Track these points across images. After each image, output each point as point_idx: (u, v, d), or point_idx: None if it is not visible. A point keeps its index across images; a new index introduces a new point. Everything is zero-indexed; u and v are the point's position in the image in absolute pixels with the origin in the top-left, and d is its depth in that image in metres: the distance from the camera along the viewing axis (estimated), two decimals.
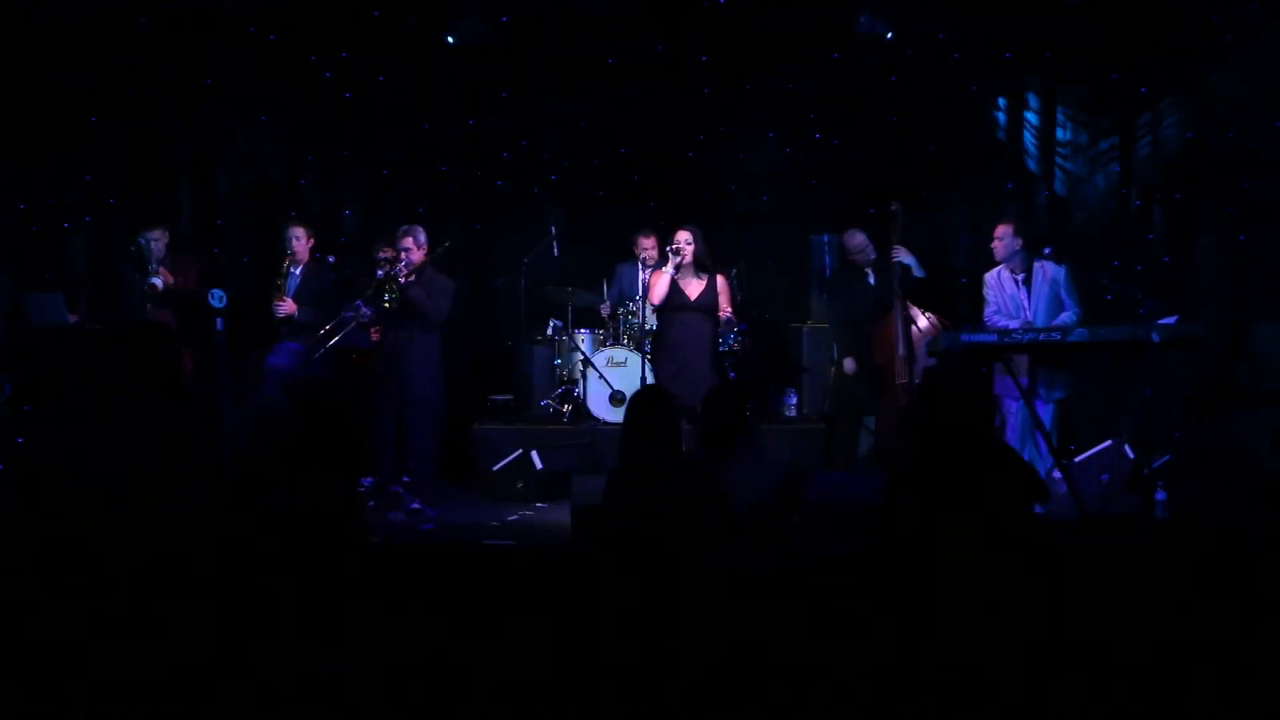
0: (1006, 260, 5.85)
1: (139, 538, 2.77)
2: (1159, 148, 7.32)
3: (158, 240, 6.31)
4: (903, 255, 6.05)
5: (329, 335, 5.97)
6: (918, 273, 6.18)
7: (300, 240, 6.32)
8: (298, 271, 6.35)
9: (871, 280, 6.23)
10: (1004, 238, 5.85)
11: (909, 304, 5.99)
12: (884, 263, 6.10)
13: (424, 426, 5.93)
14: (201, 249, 7.39)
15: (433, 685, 3.16)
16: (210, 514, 2.89)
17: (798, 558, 3.89)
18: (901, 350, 5.86)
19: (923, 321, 6.00)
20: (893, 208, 6.02)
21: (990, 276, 5.96)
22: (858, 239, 6.26)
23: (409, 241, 5.86)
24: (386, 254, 6.65)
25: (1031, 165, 7.62)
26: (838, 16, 7.18)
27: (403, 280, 5.75)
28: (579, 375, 7.00)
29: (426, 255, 5.89)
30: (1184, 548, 3.47)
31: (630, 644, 3.11)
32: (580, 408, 7.02)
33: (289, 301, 6.20)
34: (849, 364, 6.26)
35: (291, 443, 3.69)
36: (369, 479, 5.97)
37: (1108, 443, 6.02)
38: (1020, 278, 5.84)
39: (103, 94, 7.26)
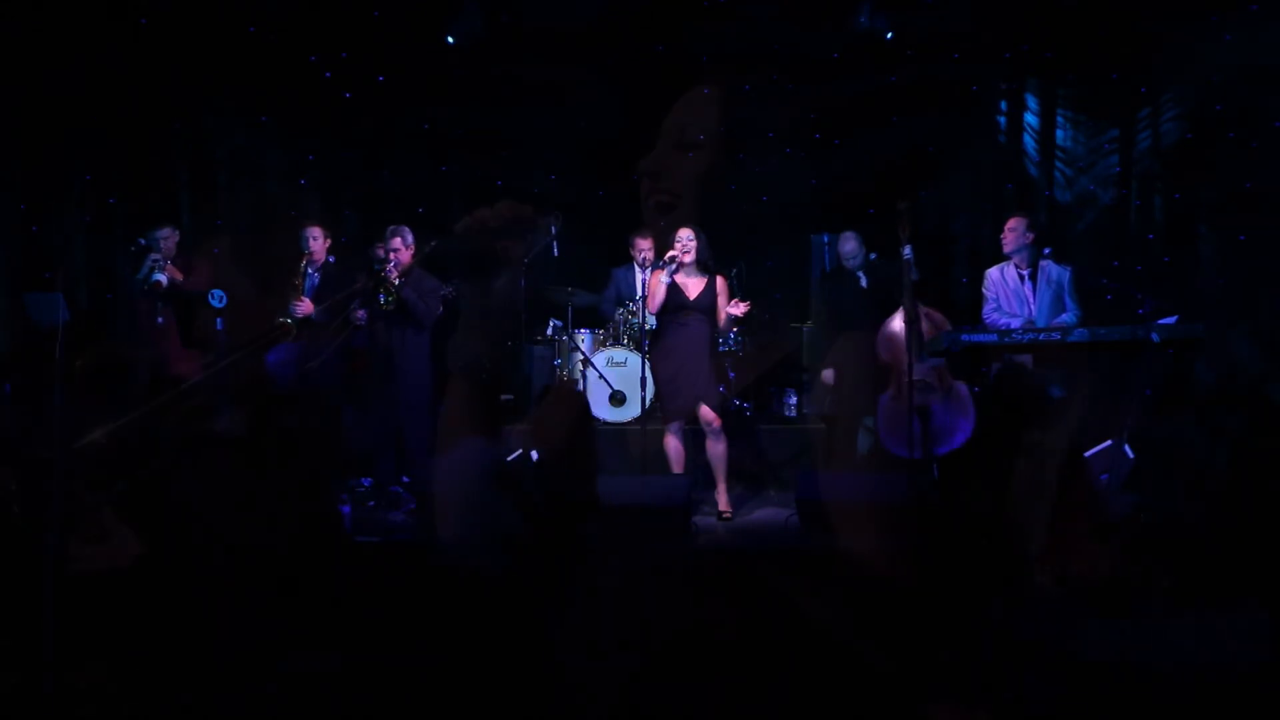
0: (1015, 252, 5.81)
1: None
2: (1159, 142, 7.32)
3: (167, 239, 6.29)
4: (907, 254, 6.04)
5: (335, 335, 5.96)
6: (913, 274, 6.15)
7: (317, 240, 6.19)
8: (315, 272, 6.21)
9: (864, 283, 6.23)
10: (1016, 229, 5.82)
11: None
12: (887, 261, 6.09)
13: (420, 427, 5.91)
14: (201, 249, 7.39)
15: (431, 684, 3.16)
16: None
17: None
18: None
19: (922, 321, 5.99)
20: (900, 206, 6.00)
21: (993, 272, 5.94)
22: (849, 245, 6.27)
23: (397, 242, 5.82)
24: (382, 252, 6.65)
25: (1031, 169, 7.62)
26: (837, 16, 7.19)
27: (395, 281, 5.74)
28: (579, 375, 6.99)
29: (414, 256, 5.85)
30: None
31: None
32: None
33: (307, 301, 6.06)
34: (828, 374, 6.24)
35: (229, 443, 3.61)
36: (368, 479, 5.97)
37: (1108, 443, 6.01)
38: (1026, 273, 5.83)
39: (103, 94, 7.26)
